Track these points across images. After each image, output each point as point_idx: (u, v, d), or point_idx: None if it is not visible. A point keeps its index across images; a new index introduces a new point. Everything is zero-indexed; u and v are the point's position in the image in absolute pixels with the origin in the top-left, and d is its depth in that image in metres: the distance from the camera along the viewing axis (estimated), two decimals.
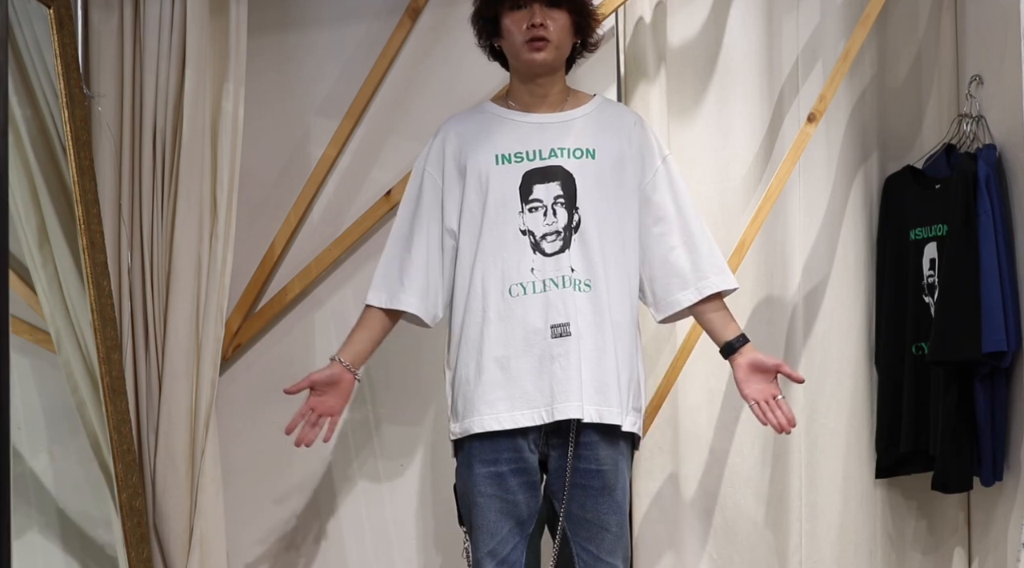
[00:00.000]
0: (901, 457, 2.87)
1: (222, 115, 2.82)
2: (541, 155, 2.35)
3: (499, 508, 2.30)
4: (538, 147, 2.36)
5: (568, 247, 2.32)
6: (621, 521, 2.32)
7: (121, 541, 2.67)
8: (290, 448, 2.36)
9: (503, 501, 2.30)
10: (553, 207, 2.33)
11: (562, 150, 2.36)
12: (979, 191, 2.68)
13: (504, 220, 2.34)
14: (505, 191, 2.35)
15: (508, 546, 2.31)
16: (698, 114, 2.95)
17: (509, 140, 2.38)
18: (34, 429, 2.76)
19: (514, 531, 2.31)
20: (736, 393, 2.92)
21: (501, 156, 2.37)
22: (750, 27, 2.93)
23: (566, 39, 2.37)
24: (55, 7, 2.66)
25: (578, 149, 2.36)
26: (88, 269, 2.66)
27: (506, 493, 2.30)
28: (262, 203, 3.03)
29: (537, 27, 2.33)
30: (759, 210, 2.77)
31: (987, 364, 2.65)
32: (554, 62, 2.38)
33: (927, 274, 2.84)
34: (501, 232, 2.34)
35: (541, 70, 2.38)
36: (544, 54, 2.34)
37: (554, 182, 2.34)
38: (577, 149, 2.36)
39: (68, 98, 2.67)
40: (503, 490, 2.30)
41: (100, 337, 2.66)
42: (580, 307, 2.29)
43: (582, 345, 2.28)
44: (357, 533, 3.02)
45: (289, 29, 3.05)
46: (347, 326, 3.07)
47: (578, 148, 2.36)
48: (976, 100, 2.83)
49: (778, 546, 2.94)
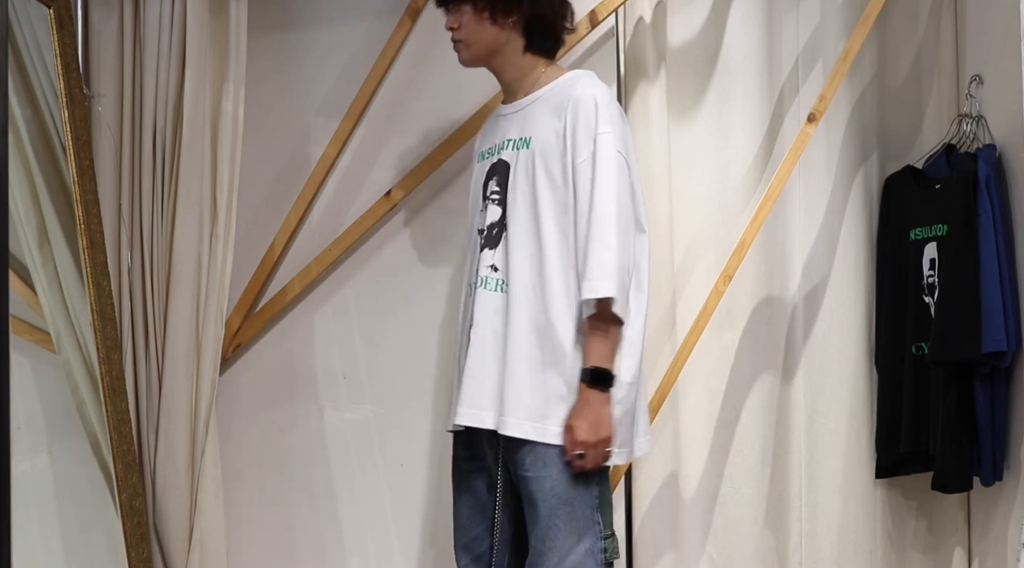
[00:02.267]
0: (901, 457, 2.87)
1: (222, 115, 2.82)
2: (498, 149, 2.32)
3: (467, 502, 2.35)
4: (497, 141, 2.34)
5: (496, 245, 2.26)
6: (543, 536, 2.17)
7: (121, 541, 2.67)
8: (290, 448, 2.36)
9: (470, 496, 2.35)
10: (489, 203, 2.30)
11: (507, 142, 2.30)
12: (979, 191, 2.68)
13: (474, 218, 2.38)
14: (476, 189, 2.37)
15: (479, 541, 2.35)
16: (698, 114, 2.95)
17: (487, 137, 2.42)
18: (34, 429, 2.76)
19: (482, 525, 2.33)
20: (736, 393, 2.94)
21: (480, 153, 2.41)
22: (750, 27, 2.93)
23: (478, 31, 2.28)
24: (55, 7, 2.66)
25: (516, 140, 2.28)
26: (88, 269, 2.66)
27: (471, 489, 2.34)
28: (262, 203, 3.03)
29: (452, 31, 2.32)
30: (759, 210, 2.77)
31: (987, 364, 2.65)
32: (476, 59, 2.32)
33: (927, 274, 2.83)
34: (471, 230, 2.39)
35: (475, 67, 2.35)
36: (463, 55, 2.33)
37: (496, 177, 2.30)
38: (515, 140, 2.28)
39: (68, 98, 2.67)
40: (467, 485, 2.35)
41: (100, 337, 2.66)
42: (494, 308, 2.23)
43: (484, 349, 2.23)
44: (357, 533, 3.02)
45: (289, 29, 3.05)
46: (347, 326, 3.08)
47: (517, 138, 2.28)
48: (976, 100, 2.83)
49: (778, 546, 2.94)
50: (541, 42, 2.32)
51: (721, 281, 2.76)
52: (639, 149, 2.89)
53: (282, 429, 3.03)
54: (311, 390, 3.03)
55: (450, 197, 2.97)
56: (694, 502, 2.93)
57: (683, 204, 2.93)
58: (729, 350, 2.93)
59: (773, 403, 2.94)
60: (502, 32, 2.28)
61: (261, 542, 3.03)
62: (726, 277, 2.76)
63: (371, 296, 3.01)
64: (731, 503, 2.93)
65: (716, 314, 2.80)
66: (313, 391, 3.03)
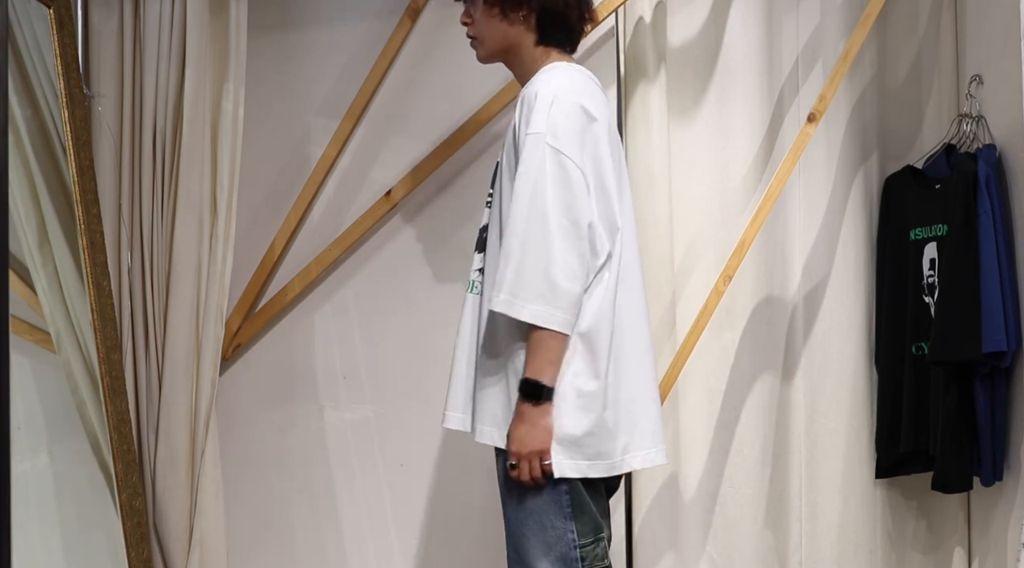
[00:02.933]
0: (901, 457, 2.87)
1: (222, 115, 2.82)
2: (500, 149, 2.29)
3: None
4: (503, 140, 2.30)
5: (483, 248, 2.25)
6: (514, 545, 2.16)
7: (121, 541, 2.67)
8: (290, 448, 2.36)
9: None
10: (486, 205, 2.29)
11: (503, 142, 2.26)
12: (979, 191, 2.68)
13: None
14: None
15: None
16: (698, 114, 2.95)
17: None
18: (34, 429, 2.76)
19: None
20: (736, 393, 2.94)
21: None
22: (750, 27, 2.93)
23: (489, 27, 2.24)
24: (55, 7, 2.66)
25: (504, 140, 2.24)
26: (88, 269, 2.66)
27: None
28: (262, 203, 3.04)
29: (465, 26, 2.28)
30: (759, 210, 2.77)
31: (987, 364, 2.65)
32: (491, 55, 2.28)
33: (927, 274, 2.83)
34: None
35: (492, 63, 2.31)
36: (479, 53, 2.30)
37: (492, 178, 2.29)
38: (504, 140, 2.25)
39: (68, 98, 2.67)
40: None
41: (100, 337, 2.66)
42: (473, 311, 2.23)
43: (456, 352, 2.24)
44: (357, 533, 3.02)
45: (289, 29, 3.05)
46: (347, 326, 3.08)
47: (506, 139, 2.24)
48: (976, 100, 2.83)
49: (778, 546, 2.94)
50: (553, 34, 2.25)
51: (721, 281, 2.76)
52: (639, 149, 2.89)
53: (282, 429, 3.03)
54: (311, 390, 3.03)
55: (450, 197, 2.97)
56: (694, 502, 2.93)
57: (683, 204, 2.93)
58: (729, 350, 2.93)
59: (773, 403, 2.94)
60: (512, 27, 2.23)
61: (261, 542, 3.03)
62: (726, 277, 2.76)
63: (371, 296, 3.01)
64: (731, 503, 2.93)
65: (716, 314, 2.80)
66: (313, 391, 3.03)
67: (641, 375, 2.20)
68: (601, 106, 2.19)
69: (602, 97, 2.23)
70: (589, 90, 2.18)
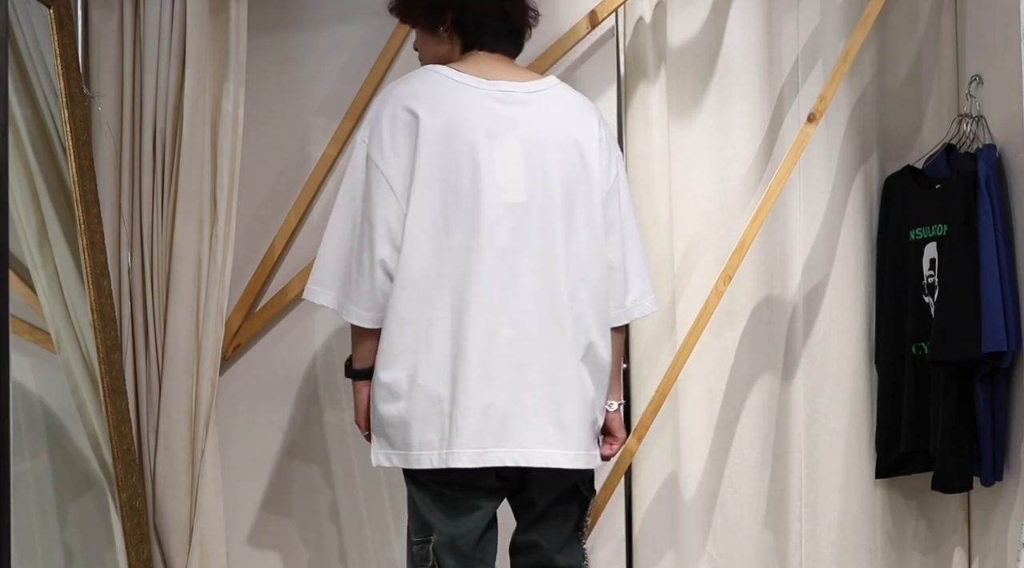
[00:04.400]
0: (901, 457, 2.88)
1: (222, 115, 2.82)
2: None
3: None
4: None
5: None
6: None
7: (121, 541, 2.67)
8: (290, 448, 2.36)
9: None
10: None
11: None
12: (979, 191, 2.68)
13: None
14: None
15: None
16: (698, 114, 2.95)
17: None
18: (34, 429, 2.76)
19: None
20: (736, 393, 2.94)
21: None
22: (750, 27, 2.93)
23: (426, 48, 2.33)
24: (55, 7, 2.66)
25: None
26: (88, 269, 2.66)
27: None
28: (262, 203, 3.03)
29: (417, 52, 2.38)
30: (759, 210, 2.77)
31: (987, 364, 2.65)
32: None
33: (927, 274, 2.84)
34: None
35: None
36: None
37: None
38: None
39: (68, 98, 2.67)
40: None
41: (100, 337, 2.66)
42: None
43: None
44: (357, 533, 3.02)
45: (289, 29, 3.05)
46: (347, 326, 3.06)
47: None
48: (976, 100, 2.83)
49: (778, 546, 2.94)
50: (476, 39, 2.27)
51: (721, 281, 2.76)
52: (639, 149, 2.89)
53: (282, 429, 3.03)
54: (311, 390, 3.03)
55: None
56: (694, 502, 2.93)
57: (683, 204, 2.93)
58: (729, 350, 2.93)
59: (773, 403, 2.94)
60: (441, 46, 2.30)
61: (261, 542, 3.03)
62: (726, 277, 2.76)
63: None
64: (731, 503, 2.93)
65: (716, 314, 2.80)
66: (313, 391, 3.03)
67: (486, 373, 2.13)
68: (432, 101, 2.18)
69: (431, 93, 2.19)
70: (413, 90, 2.21)
